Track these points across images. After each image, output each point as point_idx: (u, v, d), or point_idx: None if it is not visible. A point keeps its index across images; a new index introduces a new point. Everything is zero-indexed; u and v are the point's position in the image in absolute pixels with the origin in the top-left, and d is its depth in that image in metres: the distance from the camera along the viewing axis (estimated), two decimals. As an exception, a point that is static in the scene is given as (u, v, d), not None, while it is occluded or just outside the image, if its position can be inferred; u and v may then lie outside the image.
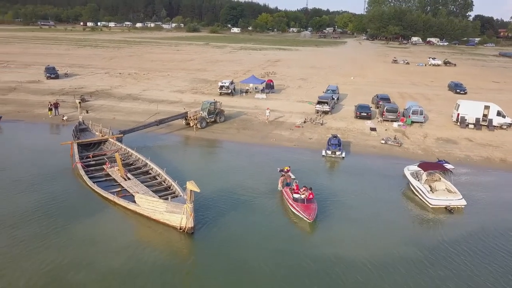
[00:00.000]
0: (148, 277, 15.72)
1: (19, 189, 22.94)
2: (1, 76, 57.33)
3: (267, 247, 17.83)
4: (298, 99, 50.81)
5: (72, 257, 16.71)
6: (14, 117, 38.49)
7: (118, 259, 16.67)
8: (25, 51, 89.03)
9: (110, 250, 17.29)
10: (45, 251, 17.03)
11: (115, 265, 16.33)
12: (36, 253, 16.88)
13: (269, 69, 76.49)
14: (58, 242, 17.79)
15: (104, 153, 27.75)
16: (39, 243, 17.64)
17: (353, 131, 37.85)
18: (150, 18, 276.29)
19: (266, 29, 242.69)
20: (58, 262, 16.30)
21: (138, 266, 16.30)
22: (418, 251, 18.23)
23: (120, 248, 17.40)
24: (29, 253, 16.91)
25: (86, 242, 17.74)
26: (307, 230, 19.70)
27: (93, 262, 16.42)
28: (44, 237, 18.11)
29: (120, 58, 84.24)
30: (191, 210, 17.77)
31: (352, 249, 18.15)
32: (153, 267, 16.27)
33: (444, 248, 18.55)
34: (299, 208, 20.03)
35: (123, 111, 42.14)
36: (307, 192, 20.83)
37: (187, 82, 58.80)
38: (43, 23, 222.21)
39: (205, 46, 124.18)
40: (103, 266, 16.18)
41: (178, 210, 18.03)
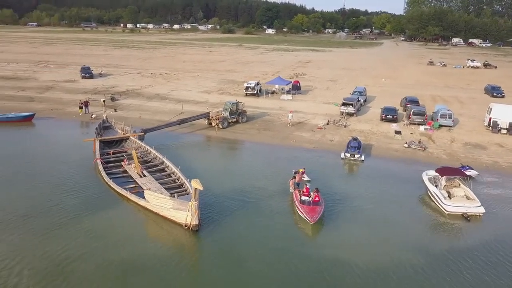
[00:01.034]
0: (149, 271, 16.12)
1: (40, 181, 24.17)
2: (40, 76, 60.32)
3: (268, 247, 17.87)
4: (324, 100, 50.34)
5: (80, 247, 17.42)
6: (47, 114, 40.44)
7: (124, 252, 17.22)
8: (65, 51, 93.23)
9: (117, 243, 17.89)
10: (55, 241, 17.83)
11: (120, 257, 16.87)
12: (46, 243, 17.71)
13: (298, 70, 76.23)
14: (68, 233, 18.61)
15: (124, 151, 28.64)
16: (50, 233, 18.53)
17: (377, 134, 37.06)
18: (187, 19, 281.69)
19: (301, 30, 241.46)
20: (66, 252, 17.03)
21: (141, 260, 16.76)
22: (425, 257, 17.63)
23: (127, 242, 17.97)
24: (40, 242, 17.77)
25: (95, 234, 18.47)
26: (309, 232, 19.60)
27: (99, 254, 17.04)
28: (56, 227, 19.01)
29: (154, 59, 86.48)
30: (195, 207, 18.06)
31: (354, 253, 17.84)
32: (156, 261, 16.67)
33: (453, 256, 17.83)
34: (303, 210, 19.95)
35: (149, 110, 43.26)
36: (313, 194, 20.65)
37: (215, 83, 59.55)
38: (86, 25, 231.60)
39: (237, 47, 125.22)
40: (109, 258, 16.76)
41: (183, 208, 18.37)
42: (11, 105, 43.62)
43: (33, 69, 65.91)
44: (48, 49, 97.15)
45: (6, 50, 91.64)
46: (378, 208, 22.33)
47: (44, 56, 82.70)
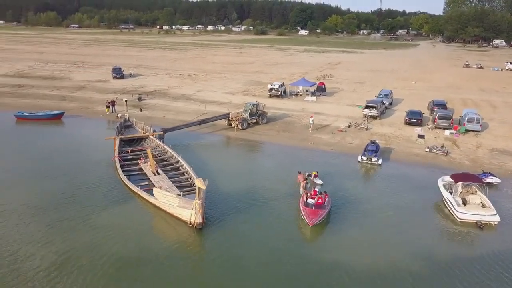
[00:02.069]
0: (152, 265, 16.69)
1: (59, 176, 25.49)
2: (75, 75, 62.91)
3: (267, 247, 18.09)
4: (349, 103, 49.72)
5: (88, 241, 18.26)
6: (76, 113, 42.23)
7: (130, 246, 17.92)
8: (101, 52, 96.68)
9: (124, 237, 18.63)
10: (65, 233, 18.80)
11: (126, 251, 17.59)
12: (56, 234, 18.71)
13: (327, 71, 75.58)
14: (78, 225, 19.59)
15: (142, 149, 29.49)
16: (62, 225, 19.56)
17: (399, 137, 36.27)
18: (222, 21, 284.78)
19: (335, 31, 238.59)
20: (74, 243, 17.94)
21: (145, 254, 17.42)
22: (428, 265, 17.23)
23: (134, 236, 18.69)
24: (51, 233, 18.76)
25: (104, 228, 19.31)
26: (307, 234, 19.68)
27: (106, 246, 17.82)
28: (68, 220, 20.03)
29: (184, 60, 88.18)
30: (199, 206, 18.45)
31: (352, 257, 17.75)
32: (158, 256, 17.28)
33: (458, 265, 17.30)
34: (304, 212, 19.95)
35: (174, 110, 44.25)
36: (317, 197, 20.57)
37: (241, 84, 60.05)
38: (124, 26, 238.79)
39: (268, 48, 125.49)
40: (115, 252, 17.46)
41: (188, 206, 18.81)
42: (45, 103, 45.84)
43: (69, 69, 68.81)
44: (85, 50, 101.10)
45: (46, 51, 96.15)
46: (387, 213, 21.98)
47: (81, 56, 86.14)
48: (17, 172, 26.13)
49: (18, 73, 63.27)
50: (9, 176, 25.48)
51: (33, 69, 67.55)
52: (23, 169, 26.65)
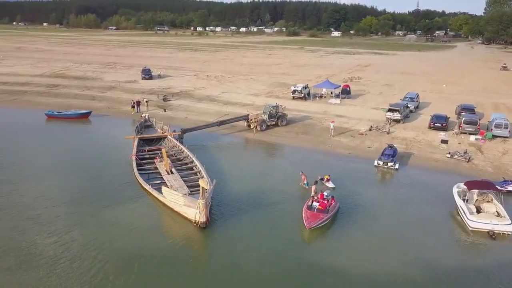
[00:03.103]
0: (154, 260, 17.29)
1: (78, 172, 26.74)
2: (106, 76, 65.19)
3: (267, 249, 18.27)
4: (373, 105, 48.93)
5: (97, 235, 19.05)
6: (102, 112, 43.84)
7: (135, 242, 18.59)
8: (133, 53, 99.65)
9: (130, 233, 19.37)
10: (72, 227, 19.73)
11: (131, 246, 18.25)
12: (63, 227, 19.64)
13: (355, 74, 74.57)
14: (88, 219, 20.51)
15: (159, 148, 30.20)
16: (71, 219, 20.53)
17: (421, 142, 35.39)
18: (255, 22, 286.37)
19: (369, 32, 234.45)
20: (83, 239, 18.71)
21: (149, 249, 18.06)
22: (428, 274, 16.85)
23: (140, 233, 19.38)
24: (58, 226, 19.75)
25: (113, 223, 20.15)
26: (305, 237, 19.72)
27: (112, 242, 18.55)
28: (78, 214, 21.06)
29: (213, 61, 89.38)
30: (203, 206, 18.84)
31: (351, 263, 17.61)
32: (161, 252, 17.88)
33: (464, 276, 16.78)
34: (305, 215, 19.95)
35: (197, 111, 45.05)
36: (320, 201, 20.52)
37: (265, 86, 60.28)
38: (159, 28, 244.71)
39: (298, 50, 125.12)
40: (119, 246, 18.19)
41: (193, 205, 19.25)
42: (75, 102, 47.85)
43: (101, 70, 71.38)
44: (119, 51, 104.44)
45: (83, 52, 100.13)
46: (397, 219, 21.60)
47: (114, 58, 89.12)
48: (39, 167, 27.63)
49: (54, 73, 66.27)
50: (31, 170, 26.99)
51: (68, 69, 70.54)
52: (45, 164, 28.14)
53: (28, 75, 63.15)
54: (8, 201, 22.38)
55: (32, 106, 45.81)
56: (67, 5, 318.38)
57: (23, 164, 28.12)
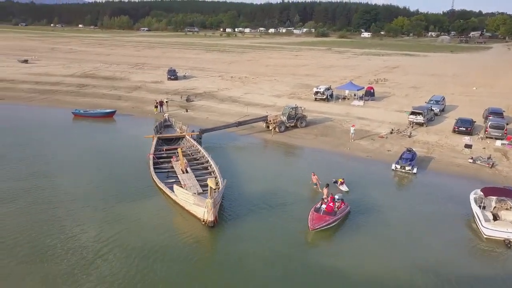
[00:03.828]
0: (161, 256, 17.71)
1: (98, 169, 27.81)
2: (134, 76, 66.85)
3: (271, 250, 18.33)
4: (397, 108, 48.00)
5: (106, 229, 19.74)
6: (127, 112, 45.07)
7: (144, 238, 19.08)
8: (162, 54, 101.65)
9: (140, 229, 19.90)
10: (84, 222, 20.43)
11: (139, 242, 18.75)
12: (73, 222, 20.41)
13: (382, 75, 73.28)
14: (101, 215, 21.19)
15: (176, 148, 30.74)
16: (83, 214, 21.31)
17: (443, 146, 34.47)
18: (284, 23, 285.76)
19: (400, 33, 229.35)
20: (93, 233, 19.44)
21: (156, 246, 18.47)
22: (435, 281, 16.37)
23: (150, 229, 19.91)
24: (68, 221, 20.51)
25: (125, 219, 20.75)
26: (309, 239, 19.69)
27: (122, 237, 19.13)
28: (92, 209, 21.83)
29: (239, 62, 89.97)
30: (211, 205, 19.12)
31: (356, 266, 17.43)
32: (168, 249, 18.29)
33: (477, 285, 16.23)
34: (310, 216, 19.91)
35: (218, 112, 45.56)
36: (326, 204, 20.41)
37: (289, 87, 60.20)
38: (189, 29, 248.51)
39: (325, 51, 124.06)
40: (129, 242, 18.72)
41: (202, 204, 19.57)
42: (102, 102, 49.39)
43: (129, 70, 73.25)
44: (148, 52, 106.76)
45: (113, 53, 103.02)
46: (408, 224, 21.18)
47: (143, 58, 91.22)
48: (60, 163, 28.92)
49: (84, 73, 68.57)
50: (52, 166, 28.32)
51: (98, 69, 72.80)
52: (66, 161, 29.39)
53: (60, 75, 65.64)
54: (28, 194, 23.44)
55: (61, 105, 47.62)
56: (101, 7, 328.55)
57: (45, 160, 29.38)
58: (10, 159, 29.42)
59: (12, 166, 27.99)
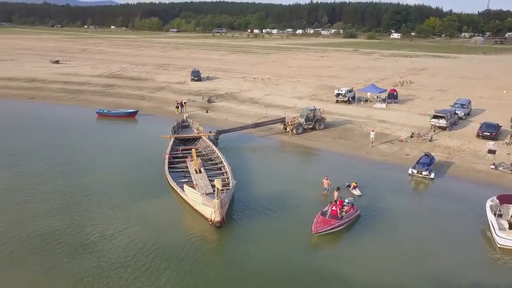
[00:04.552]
0: (166, 254, 18.15)
1: (114, 167, 28.65)
2: (158, 77, 68.14)
3: (274, 253, 18.38)
4: (421, 111, 46.91)
5: (115, 226, 20.32)
6: (149, 112, 46.07)
7: (151, 236, 19.55)
8: (187, 55, 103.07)
9: (149, 227, 20.44)
10: (96, 216, 21.20)
11: (146, 240, 19.24)
12: (86, 219, 21.04)
13: (408, 77, 71.73)
14: (111, 212, 21.83)
15: (194, 148, 31.21)
16: (96, 210, 22.02)
17: (465, 151, 33.48)
18: (312, 24, 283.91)
19: (432, 34, 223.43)
20: (100, 229, 20.07)
21: (162, 244, 18.90)
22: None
23: (159, 227, 20.40)
24: (83, 217, 21.22)
25: (134, 216, 21.37)
26: (314, 243, 19.60)
27: (129, 234, 19.71)
28: (104, 206, 22.50)
29: (263, 63, 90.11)
30: (218, 205, 19.35)
31: (358, 271, 17.30)
32: (174, 248, 18.67)
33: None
34: (316, 219, 19.80)
35: (237, 113, 45.86)
36: (330, 207, 20.25)
37: (311, 89, 59.87)
38: (217, 30, 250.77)
39: (352, 52, 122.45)
40: (135, 239, 19.28)
41: (209, 204, 19.83)
42: (126, 102, 50.65)
43: (155, 71, 74.71)
44: (174, 53, 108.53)
45: (141, 54, 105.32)
46: (419, 231, 20.74)
47: (169, 59, 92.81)
48: (79, 160, 30.00)
49: (111, 74, 70.47)
50: (70, 162, 29.45)
51: (125, 70, 74.64)
52: (84, 158, 30.48)
53: (88, 75, 67.74)
54: (43, 190, 24.46)
55: (86, 104, 49.16)
56: (133, 9, 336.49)
57: (64, 158, 30.46)
58: (32, 156, 30.63)
59: (31, 163, 29.12)
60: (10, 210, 21.89)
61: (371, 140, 34.79)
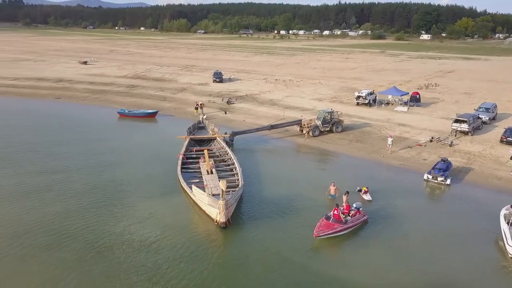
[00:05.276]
0: (169, 252, 18.47)
1: (130, 166, 29.42)
2: (181, 78, 69.20)
3: (276, 256, 18.37)
4: (444, 115, 45.74)
5: (122, 222, 20.87)
6: (169, 112, 46.88)
7: (157, 234, 19.98)
8: (212, 57, 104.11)
9: (155, 225, 20.85)
10: (103, 217, 21.67)
11: (151, 237, 19.71)
12: (94, 217, 21.64)
13: (434, 80, 70.03)
14: (120, 210, 22.42)
15: (208, 149, 31.58)
16: (106, 207, 22.69)
17: (486, 157, 32.43)
18: (340, 25, 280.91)
19: (464, 35, 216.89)
20: (108, 226, 20.65)
21: (167, 242, 19.29)
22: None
23: (166, 226, 20.76)
24: (88, 215, 21.81)
25: (142, 215, 21.85)
26: (315, 246, 19.49)
27: (134, 231, 20.14)
28: (114, 203, 23.14)
29: (286, 65, 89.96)
30: (223, 206, 19.55)
31: (359, 277, 17.08)
32: (178, 247, 18.97)
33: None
34: (319, 223, 19.69)
35: (256, 114, 46.02)
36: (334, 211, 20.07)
37: (332, 91, 59.39)
38: (244, 32, 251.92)
39: (378, 54, 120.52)
40: (140, 236, 19.71)
41: (215, 205, 20.05)
42: (147, 102, 51.71)
43: (179, 72, 75.89)
44: (199, 55, 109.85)
45: (166, 55, 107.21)
46: (429, 237, 20.26)
47: (193, 61, 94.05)
48: (95, 159, 30.90)
49: (136, 75, 72.12)
50: (87, 161, 30.46)
51: (149, 71, 76.18)
52: (101, 157, 31.34)
53: (113, 76, 69.57)
54: (59, 188, 25.34)
55: (109, 104, 50.50)
56: (162, 10, 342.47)
57: (83, 156, 31.46)
58: (52, 153, 31.85)
59: (50, 160, 30.26)
60: (20, 206, 22.82)
61: (388, 146, 33.76)
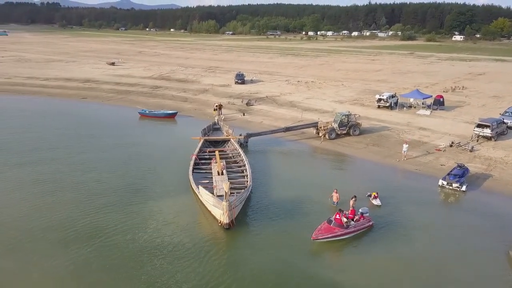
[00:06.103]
0: (171, 251, 18.82)
1: (143, 165, 30.05)
2: (204, 80, 70.05)
3: (276, 259, 18.40)
4: (468, 119, 44.36)
5: (131, 222, 21.33)
6: (188, 113, 47.64)
7: (161, 232, 20.40)
8: (236, 58, 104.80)
9: (161, 224, 21.26)
10: (110, 214, 22.23)
11: (154, 236, 20.11)
12: (101, 214, 22.18)
13: (462, 83, 68.05)
14: (127, 208, 22.96)
15: (220, 150, 31.92)
16: (113, 205, 23.25)
17: (507, 163, 31.33)
18: (369, 26, 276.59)
19: (500, 36, 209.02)
20: (114, 224, 21.15)
21: (170, 241, 19.64)
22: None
23: (171, 224, 21.23)
24: (95, 212, 22.39)
25: (149, 213, 22.38)
26: (314, 250, 19.40)
27: (138, 230, 20.60)
28: (118, 203, 23.62)
29: (310, 66, 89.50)
30: (226, 208, 19.78)
31: (357, 284, 16.82)
32: (180, 246, 19.30)
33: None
34: (319, 226, 19.57)
35: (274, 116, 46.09)
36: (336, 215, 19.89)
37: (354, 93, 58.67)
38: (271, 33, 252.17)
39: (407, 55, 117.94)
40: (143, 235, 20.13)
41: (219, 206, 20.30)
42: (169, 103, 52.71)
43: (202, 73, 76.85)
44: (224, 56, 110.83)
45: (192, 56, 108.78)
46: (436, 246, 19.77)
47: (218, 62, 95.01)
48: (110, 157, 31.84)
49: (160, 76, 73.57)
50: (103, 157, 31.51)
51: (174, 72, 77.53)
52: (116, 156, 32.21)
53: (139, 77, 71.22)
54: (71, 181, 26.34)
55: (133, 104, 51.73)
56: (192, 12, 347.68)
57: (99, 154, 32.37)
58: (70, 153, 32.81)
59: (67, 159, 31.28)
60: (32, 200, 23.74)
61: (403, 153, 32.60)
